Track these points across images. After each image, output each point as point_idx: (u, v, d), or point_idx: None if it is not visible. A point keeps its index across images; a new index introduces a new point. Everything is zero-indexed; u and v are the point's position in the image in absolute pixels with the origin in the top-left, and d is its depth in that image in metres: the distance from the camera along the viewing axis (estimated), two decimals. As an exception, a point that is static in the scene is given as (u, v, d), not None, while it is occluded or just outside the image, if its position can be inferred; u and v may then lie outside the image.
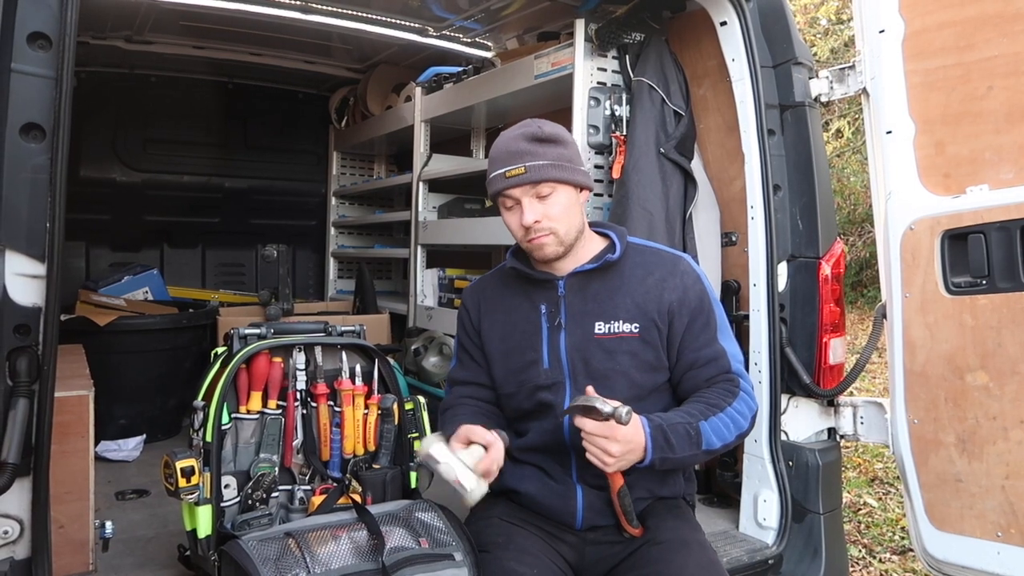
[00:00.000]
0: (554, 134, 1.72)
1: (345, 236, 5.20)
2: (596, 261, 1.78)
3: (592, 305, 1.77)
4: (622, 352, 1.74)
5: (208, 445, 1.84)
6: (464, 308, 1.95)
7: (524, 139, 1.71)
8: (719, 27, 2.46)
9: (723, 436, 1.68)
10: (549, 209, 1.70)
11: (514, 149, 1.70)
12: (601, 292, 1.78)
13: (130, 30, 3.77)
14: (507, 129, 1.77)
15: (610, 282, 1.78)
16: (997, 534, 1.97)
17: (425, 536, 1.69)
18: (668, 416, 1.66)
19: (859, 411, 2.38)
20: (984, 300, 1.97)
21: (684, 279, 1.78)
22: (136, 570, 2.11)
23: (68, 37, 1.56)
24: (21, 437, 1.49)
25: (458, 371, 1.95)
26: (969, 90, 2.02)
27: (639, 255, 1.83)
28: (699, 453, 1.65)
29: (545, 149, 1.69)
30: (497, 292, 1.90)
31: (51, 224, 1.55)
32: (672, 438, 1.61)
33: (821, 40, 10.62)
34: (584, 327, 1.76)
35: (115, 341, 3.35)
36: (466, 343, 1.93)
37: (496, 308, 1.88)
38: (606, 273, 1.79)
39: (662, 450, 1.60)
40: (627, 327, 1.74)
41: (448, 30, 3.62)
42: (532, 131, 1.71)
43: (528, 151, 1.69)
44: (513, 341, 1.83)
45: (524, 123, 1.75)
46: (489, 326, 1.88)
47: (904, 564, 3.58)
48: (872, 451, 4.97)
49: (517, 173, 1.68)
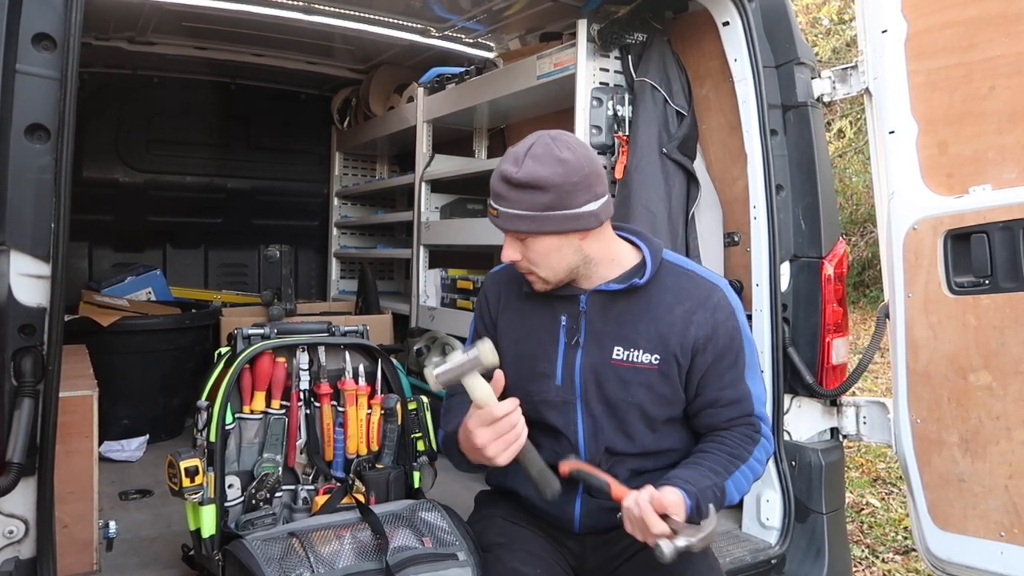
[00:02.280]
0: (530, 179, 1.50)
1: (347, 236, 5.20)
2: (622, 282, 1.66)
3: (613, 327, 1.67)
4: (637, 384, 1.65)
5: (212, 445, 1.84)
6: (484, 295, 1.85)
7: (501, 179, 1.55)
8: (721, 27, 2.46)
9: (741, 488, 1.62)
10: (528, 253, 1.60)
11: (494, 187, 1.57)
12: (624, 314, 1.67)
13: (133, 31, 3.77)
14: (516, 147, 1.59)
15: (635, 304, 1.67)
16: (1000, 534, 1.97)
17: (429, 536, 1.70)
18: (698, 480, 1.54)
19: (862, 411, 2.38)
20: (987, 300, 1.97)
21: (716, 314, 1.65)
22: (140, 570, 2.12)
23: (72, 38, 1.56)
24: (26, 437, 1.50)
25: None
26: (972, 90, 2.02)
27: (672, 277, 1.69)
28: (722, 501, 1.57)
29: (519, 196, 1.53)
30: (519, 288, 1.77)
31: (56, 224, 1.56)
32: (703, 506, 1.50)
33: (823, 40, 10.62)
34: (603, 348, 1.67)
35: (118, 341, 3.36)
36: (480, 330, 1.85)
37: (515, 305, 1.78)
38: (632, 294, 1.66)
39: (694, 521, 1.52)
40: (646, 357, 1.64)
41: (450, 31, 3.62)
42: (510, 173, 1.53)
43: (503, 195, 1.55)
44: (527, 347, 1.73)
45: (516, 153, 1.56)
46: (506, 323, 1.78)
47: (907, 564, 3.58)
48: (875, 451, 4.96)
49: (493, 214, 1.59)
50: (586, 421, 1.68)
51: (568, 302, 1.70)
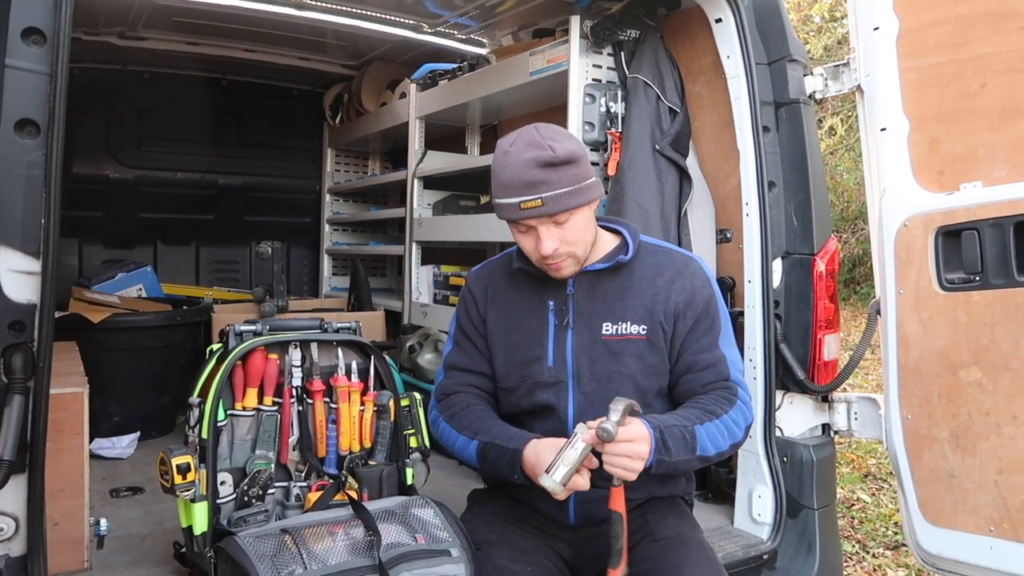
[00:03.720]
0: (567, 154, 1.58)
1: (339, 233, 5.19)
2: (607, 261, 1.74)
3: (600, 305, 1.74)
4: (628, 354, 1.72)
5: (204, 442, 1.83)
6: (469, 292, 1.89)
7: (538, 166, 1.57)
8: (714, 24, 2.46)
9: (718, 444, 1.64)
10: (567, 234, 1.63)
11: (528, 178, 1.57)
12: (610, 292, 1.74)
13: (123, 26, 3.75)
14: (513, 144, 1.61)
15: (620, 282, 1.75)
16: (990, 528, 1.98)
17: (421, 532, 1.70)
18: (663, 418, 1.63)
19: (853, 407, 2.40)
20: (978, 296, 1.98)
21: (693, 281, 1.75)
22: (131, 567, 2.11)
23: (62, 32, 1.55)
24: (16, 434, 1.49)
25: (457, 356, 1.89)
26: (963, 87, 2.03)
27: (651, 255, 1.79)
28: (693, 459, 1.61)
29: (561, 175, 1.58)
30: (504, 281, 1.85)
31: (46, 220, 1.55)
32: (669, 441, 1.57)
33: (814, 38, 10.66)
34: (592, 327, 1.73)
35: (109, 338, 3.34)
36: (468, 328, 1.87)
37: (503, 298, 1.83)
38: (616, 273, 1.75)
39: (660, 452, 1.56)
40: (635, 328, 1.71)
41: (443, 26, 3.62)
42: (545, 156, 1.56)
43: (544, 180, 1.57)
44: (519, 335, 1.79)
45: (531, 140, 1.59)
46: (495, 315, 1.83)
47: (897, 559, 3.60)
48: (865, 447, 4.99)
49: (534, 205, 1.58)
50: (578, 399, 1.73)
51: (555, 286, 1.76)
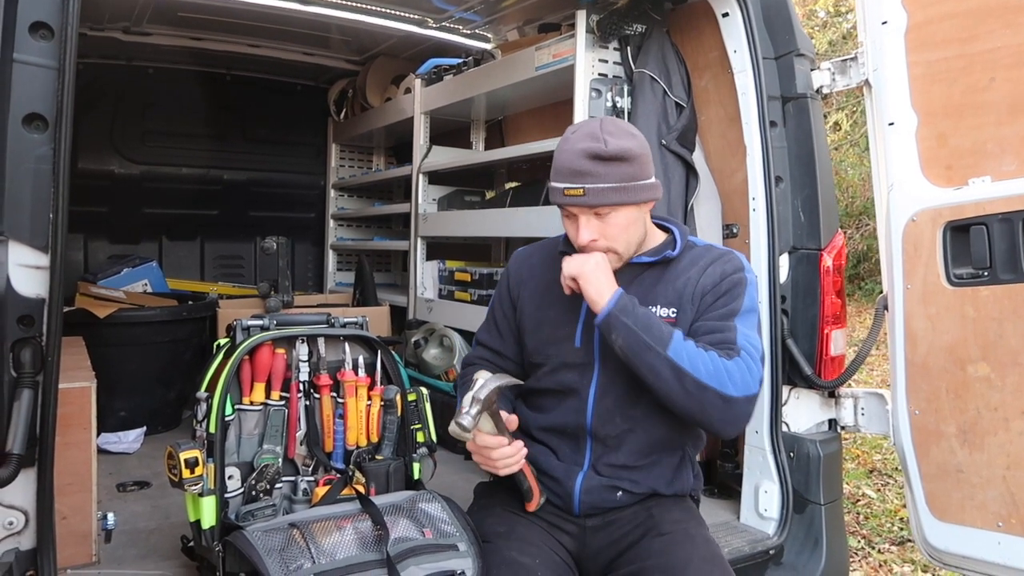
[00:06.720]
0: (620, 151, 1.60)
1: (344, 228, 5.19)
2: (654, 255, 1.76)
3: (635, 290, 1.72)
4: None
5: (212, 436, 1.83)
6: (507, 272, 1.94)
7: (587, 157, 1.59)
8: (721, 18, 2.45)
9: (696, 368, 1.55)
10: (607, 228, 1.65)
11: (576, 167, 1.60)
12: (647, 279, 1.76)
13: (128, 21, 3.75)
14: (575, 132, 1.65)
15: (660, 274, 1.76)
16: (998, 524, 1.98)
17: (429, 527, 1.70)
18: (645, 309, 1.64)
19: (860, 402, 2.39)
20: (986, 291, 1.97)
21: (725, 267, 1.74)
22: (139, 561, 2.11)
23: (70, 27, 1.55)
24: (26, 428, 1.50)
25: (484, 331, 1.96)
26: (972, 82, 2.02)
27: (693, 250, 1.80)
28: (661, 354, 1.55)
29: (608, 169, 1.60)
30: (544, 262, 1.87)
31: (54, 215, 1.55)
32: (639, 312, 1.59)
33: (819, 32, 10.62)
34: None
35: (115, 333, 3.34)
36: (498, 309, 1.93)
37: (539, 277, 1.86)
38: (658, 266, 1.77)
39: (623, 312, 1.58)
40: (664, 311, 1.72)
41: (448, 21, 3.61)
42: (596, 148, 1.59)
43: (590, 171, 1.59)
44: (549, 313, 1.81)
45: (591, 132, 1.63)
46: (529, 294, 1.86)
47: (903, 554, 3.60)
48: (871, 442, 4.99)
49: (576, 194, 1.61)
50: (600, 379, 1.74)
51: None
